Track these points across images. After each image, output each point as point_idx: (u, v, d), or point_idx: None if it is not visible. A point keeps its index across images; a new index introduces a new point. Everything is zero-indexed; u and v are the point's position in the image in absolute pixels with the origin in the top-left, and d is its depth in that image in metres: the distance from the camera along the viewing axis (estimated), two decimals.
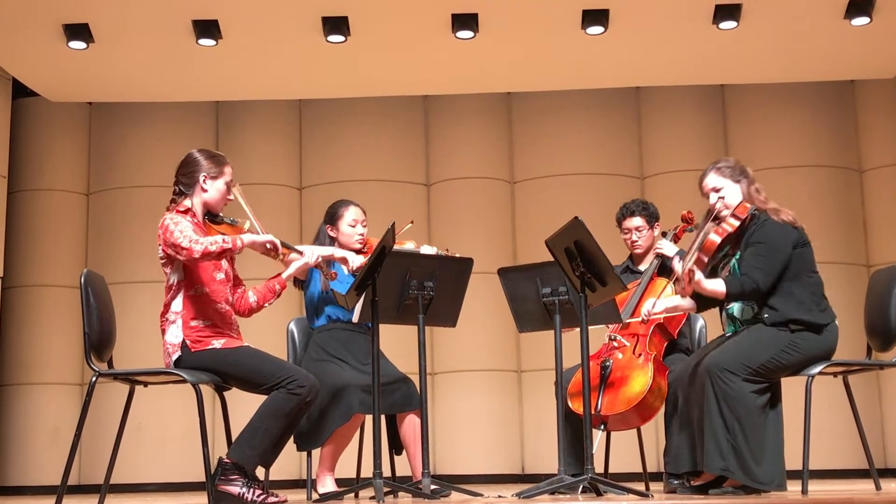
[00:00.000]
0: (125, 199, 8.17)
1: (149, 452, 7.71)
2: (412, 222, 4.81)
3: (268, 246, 4.03)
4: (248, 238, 3.99)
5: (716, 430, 3.87)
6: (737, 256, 4.13)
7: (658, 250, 4.83)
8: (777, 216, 4.09)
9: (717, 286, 4.00)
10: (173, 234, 3.89)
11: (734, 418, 3.86)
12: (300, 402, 3.88)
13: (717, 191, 4.17)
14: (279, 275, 4.26)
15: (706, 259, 4.05)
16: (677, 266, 4.09)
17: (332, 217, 4.81)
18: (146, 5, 6.50)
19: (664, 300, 4.36)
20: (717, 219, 4.14)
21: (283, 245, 4.14)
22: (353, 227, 4.75)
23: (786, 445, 3.96)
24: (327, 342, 4.64)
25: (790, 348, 3.97)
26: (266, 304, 4.26)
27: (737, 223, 4.08)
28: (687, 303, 4.30)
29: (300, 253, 4.30)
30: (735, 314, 4.17)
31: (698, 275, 3.95)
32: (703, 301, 4.22)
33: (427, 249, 4.55)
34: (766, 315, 4.02)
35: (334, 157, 8.29)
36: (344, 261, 4.55)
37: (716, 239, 4.05)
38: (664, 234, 4.95)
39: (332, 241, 4.79)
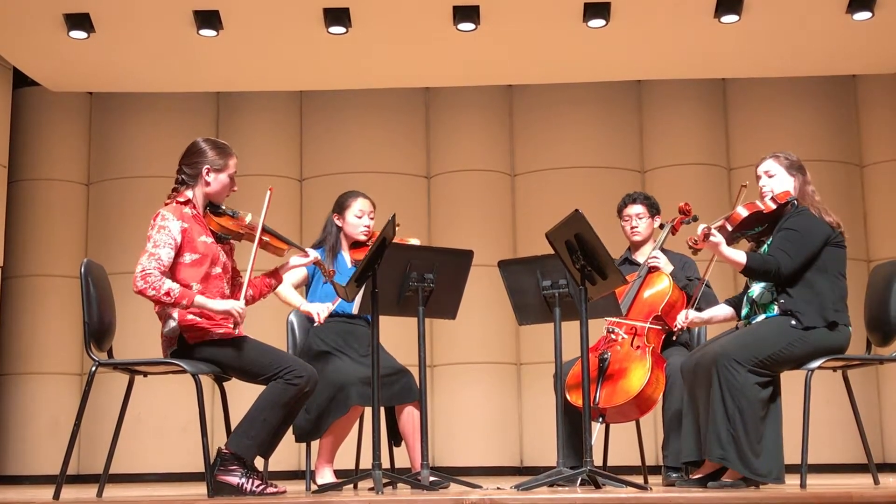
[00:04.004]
0: (125, 189, 8.17)
1: (148, 442, 7.71)
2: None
3: (219, 317, 3.91)
4: (199, 301, 3.82)
5: (717, 419, 3.87)
6: (769, 243, 4.14)
7: (653, 261, 4.75)
8: (817, 212, 4.12)
9: (737, 256, 4.04)
10: (146, 247, 3.83)
11: (736, 409, 3.86)
12: (298, 392, 3.87)
13: (769, 176, 4.20)
14: (277, 270, 4.25)
15: (730, 228, 4.11)
16: (701, 226, 4.11)
17: (341, 206, 4.86)
18: None
19: (700, 315, 4.41)
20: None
21: (289, 242, 4.11)
22: (360, 217, 4.80)
23: (785, 439, 3.97)
24: (325, 334, 4.66)
25: (798, 341, 3.97)
26: (261, 298, 4.24)
27: (772, 205, 4.12)
28: (724, 312, 4.35)
29: (304, 252, 4.26)
30: (754, 297, 4.19)
31: (718, 237, 4.02)
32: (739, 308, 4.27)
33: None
34: (781, 300, 4.04)
35: (335, 148, 8.28)
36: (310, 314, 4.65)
37: (742, 212, 4.10)
38: (661, 227, 4.95)
39: (339, 230, 4.84)
